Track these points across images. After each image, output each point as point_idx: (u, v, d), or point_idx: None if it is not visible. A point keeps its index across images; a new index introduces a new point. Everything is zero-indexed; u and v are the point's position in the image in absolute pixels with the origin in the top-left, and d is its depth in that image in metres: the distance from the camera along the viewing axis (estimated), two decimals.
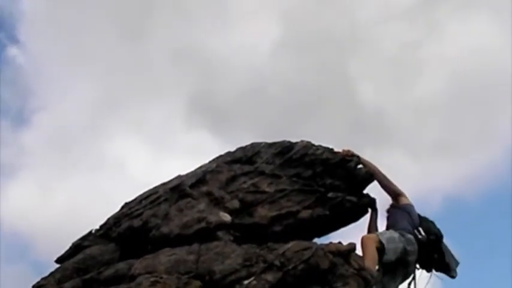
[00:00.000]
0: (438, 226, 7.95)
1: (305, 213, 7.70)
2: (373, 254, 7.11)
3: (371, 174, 8.32)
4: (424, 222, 7.93)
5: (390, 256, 7.26)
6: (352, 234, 8.39)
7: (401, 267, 7.51)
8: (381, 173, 8.29)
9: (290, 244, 6.64)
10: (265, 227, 7.52)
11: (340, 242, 7.32)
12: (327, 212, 7.82)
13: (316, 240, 7.78)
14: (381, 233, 7.58)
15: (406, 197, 8.15)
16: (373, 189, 8.46)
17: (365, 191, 8.47)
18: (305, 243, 6.67)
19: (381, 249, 7.19)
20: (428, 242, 7.71)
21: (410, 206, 8.08)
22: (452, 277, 7.89)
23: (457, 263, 7.94)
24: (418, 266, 7.73)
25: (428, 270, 7.82)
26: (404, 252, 7.40)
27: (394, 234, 7.47)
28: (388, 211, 8.17)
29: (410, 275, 7.70)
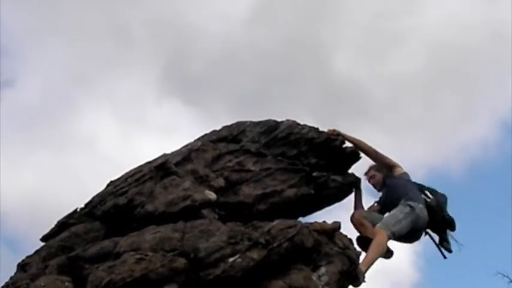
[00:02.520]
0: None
1: (290, 192, 7.73)
2: (377, 254, 7.18)
3: (356, 154, 8.36)
4: (427, 187, 8.10)
5: (403, 233, 7.47)
6: (336, 213, 8.45)
7: (413, 232, 7.68)
8: (371, 148, 8.34)
9: (275, 222, 6.67)
10: (250, 205, 7.55)
11: (324, 221, 7.36)
12: (312, 191, 7.86)
13: (301, 219, 7.82)
14: (387, 223, 7.49)
15: (400, 167, 8.23)
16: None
17: (350, 170, 8.52)
18: (290, 222, 6.71)
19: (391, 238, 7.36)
20: (438, 204, 7.91)
21: (406, 174, 8.18)
22: (450, 250, 7.97)
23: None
24: (429, 230, 7.95)
25: (441, 232, 7.98)
26: (416, 222, 7.57)
27: (401, 214, 7.55)
28: (384, 183, 8.27)
29: (420, 236, 7.92)
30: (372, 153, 8.34)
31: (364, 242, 7.33)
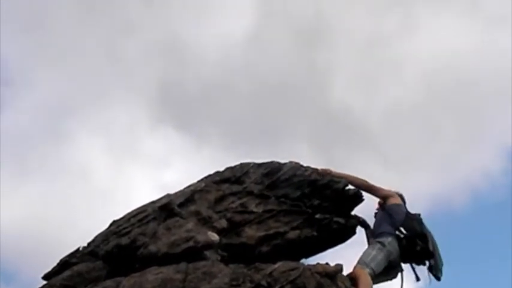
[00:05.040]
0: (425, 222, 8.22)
1: (293, 234, 7.74)
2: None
3: (359, 196, 8.38)
4: (409, 220, 8.14)
5: (380, 269, 7.57)
6: (339, 255, 8.44)
7: (390, 268, 7.78)
8: (363, 183, 8.41)
9: (277, 264, 6.67)
10: (252, 247, 7.56)
11: (327, 263, 7.36)
12: (315, 233, 7.87)
13: (304, 261, 7.82)
14: (364, 261, 7.59)
15: (395, 197, 8.30)
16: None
17: (353, 212, 8.54)
18: (292, 264, 6.71)
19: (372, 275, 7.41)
20: (409, 238, 7.94)
21: (396, 205, 8.28)
22: (438, 278, 7.99)
23: (441, 264, 8.05)
24: (402, 262, 7.98)
25: (414, 263, 8.07)
26: (389, 256, 7.69)
27: (373, 250, 7.70)
28: (375, 215, 8.41)
29: (400, 271, 7.96)
30: (365, 188, 8.40)
31: None
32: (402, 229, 8.02)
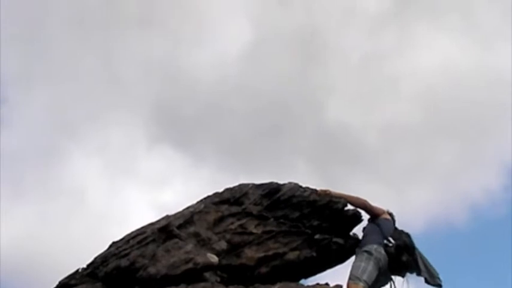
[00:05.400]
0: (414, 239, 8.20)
1: (292, 255, 7.74)
2: None
3: (358, 217, 8.40)
4: (397, 233, 8.20)
5: (373, 279, 7.60)
6: (339, 276, 8.42)
7: (380, 275, 7.79)
8: (360, 202, 8.43)
9: (277, 285, 6.71)
10: (252, 268, 7.56)
11: (327, 284, 7.37)
12: (314, 254, 7.88)
13: (303, 281, 7.83)
14: (355, 276, 7.60)
15: (386, 214, 8.35)
16: None
17: (352, 232, 8.55)
18: (291, 285, 6.75)
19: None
20: (396, 247, 7.98)
21: (385, 220, 8.33)
22: (439, 285, 8.02)
23: (436, 272, 8.09)
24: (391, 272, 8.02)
25: (402, 275, 8.08)
26: (378, 263, 7.72)
27: (362, 262, 7.72)
28: (363, 229, 8.44)
29: (390, 279, 8.01)
30: (362, 207, 8.43)
31: None
32: (391, 239, 8.09)
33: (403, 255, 7.95)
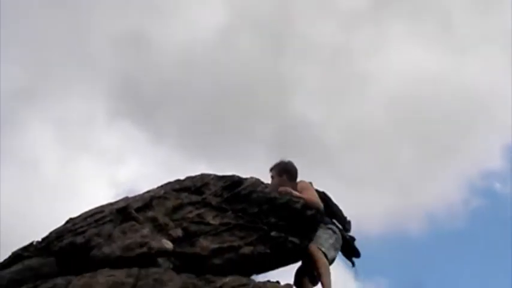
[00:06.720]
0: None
1: (246, 249, 7.77)
2: (329, 276, 7.92)
3: (316, 218, 8.48)
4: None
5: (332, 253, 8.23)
6: (291, 275, 8.49)
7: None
8: (316, 204, 8.57)
9: (228, 278, 6.75)
10: (205, 258, 7.58)
11: (278, 282, 7.44)
12: (268, 251, 7.91)
13: (255, 277, 7.88)
14: (320, 242, 8.22)
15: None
16: None
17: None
18: (243, 279, 6.79)
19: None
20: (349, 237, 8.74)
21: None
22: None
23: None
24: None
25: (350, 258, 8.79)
26: (338, 242, 8.44)
27: (327, 235, 8.38)
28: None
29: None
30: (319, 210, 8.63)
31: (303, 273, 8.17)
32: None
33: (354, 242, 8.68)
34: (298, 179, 8.97)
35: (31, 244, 7.79)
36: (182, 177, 8.90)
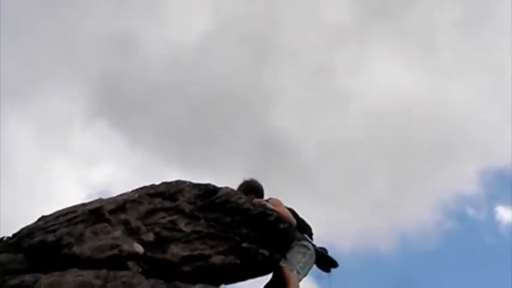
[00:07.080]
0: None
1: (217, 259, 7.79)
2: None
3: (289, 232, 8.53)
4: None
5: (305, 271, 8.44)
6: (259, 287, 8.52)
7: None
8: (289, 219, 8.78)
9: (197, 286, 6.75)
10: (175, 265, 7.58)
11: None
12: (238, 261, 7.94)
13: (223, 286, 7.89)
14: (292, 263, 8.33)
15: None
16: None
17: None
18: None
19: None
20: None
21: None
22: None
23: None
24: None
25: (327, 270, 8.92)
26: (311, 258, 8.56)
27: (300, 254, 8.50)
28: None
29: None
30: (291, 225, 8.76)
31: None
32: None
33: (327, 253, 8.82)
34: (267, 196, 9.06)
35: (1, 239, 7.75)
36: (157, 183, 8.89)
